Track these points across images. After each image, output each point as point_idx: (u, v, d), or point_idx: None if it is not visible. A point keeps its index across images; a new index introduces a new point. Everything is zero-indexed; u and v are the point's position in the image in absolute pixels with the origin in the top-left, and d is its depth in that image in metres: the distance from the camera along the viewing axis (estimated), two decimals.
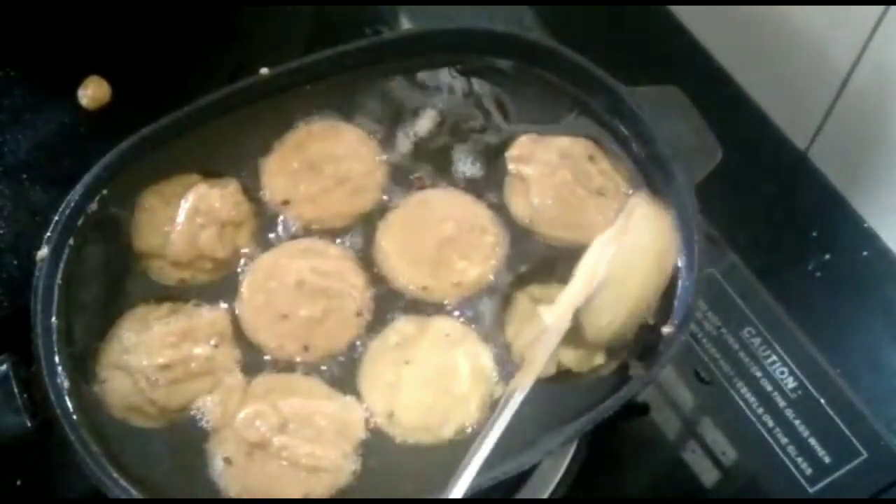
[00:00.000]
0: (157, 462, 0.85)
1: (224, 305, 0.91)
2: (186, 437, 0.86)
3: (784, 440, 1.03)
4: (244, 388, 0.87)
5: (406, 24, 1.29)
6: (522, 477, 0.97)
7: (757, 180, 1.15)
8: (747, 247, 1.12)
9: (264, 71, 0.99)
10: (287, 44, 1.15)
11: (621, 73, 0.98)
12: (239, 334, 0.90)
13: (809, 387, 1.04)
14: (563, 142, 0.98)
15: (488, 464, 0.79)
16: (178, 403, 0.87)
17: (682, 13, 1.20)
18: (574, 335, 0.84)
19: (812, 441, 1.03)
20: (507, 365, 0.89)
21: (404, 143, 0.99)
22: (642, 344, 0.89)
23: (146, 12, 1.03)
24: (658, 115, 0.95)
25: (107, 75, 1.05)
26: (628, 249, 0.82)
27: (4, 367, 0.84)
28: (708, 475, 1.04)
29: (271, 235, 0.95)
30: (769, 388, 1.05)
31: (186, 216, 0.93)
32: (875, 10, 0.98)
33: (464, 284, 0.92)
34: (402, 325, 0.90)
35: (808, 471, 1.02)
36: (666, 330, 0.88)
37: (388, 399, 0.87)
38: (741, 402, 1.05)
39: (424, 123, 0.99)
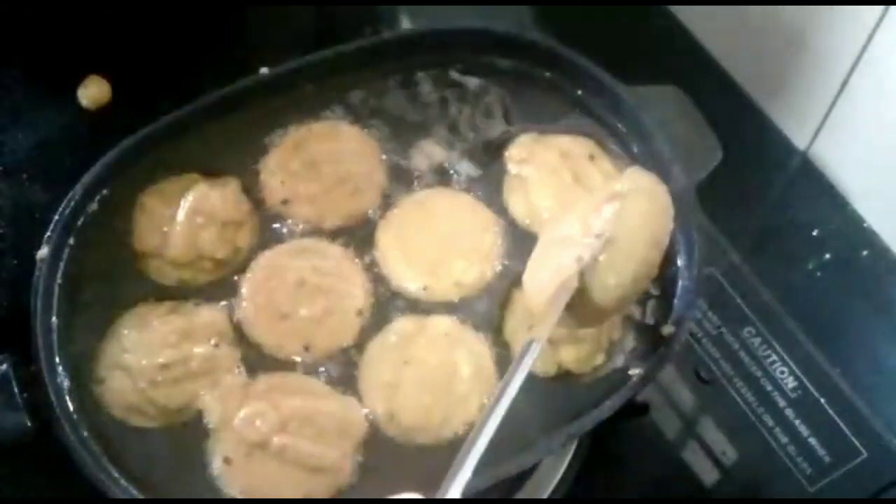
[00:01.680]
0: (156, 462, 0.85)
1: (224, 305, 0.91)
2: (186, 437, 0.86)
3: (784, 440, 1.03)
4: (244, 388, 0.87)
5: (406, 23, 1.29)
6: (522, 477, 0.97)
7: (757, 180, 1.15)
8: (747, 246, 1.12)
9: (264, 71, 0.99)
10: (287, 44, 1.15)
11: (621, 73, 0.98)
12: (239, 334, 0.90)
13: (809, 386, 1.04)
14: (564, 141, 0.98)
15: (488, 463, 0.79)
16: (178, 403, 0.87)
17: (683, 13, 1.20)
18: (582, 299, 0.82)
19: (812, 441, 1.03)
20: (508, 364, 0.88)
21: (419, 160, 0.99)
22: (642, 344, 0.90)
23: (147, 12, 1.03)
24: (659, 114, 0.96)
25: (107, 75, 1.05)
26: (628, 215, 0.81)
27: (5, 366, 0.84)
28: (708, 475, 1.04)
29: (272, 235, 0.95)
30: (769, 387, 1.05)
31: (186, 216, 0.93)
32: (875, 11, 0.98)
33: (463, 284, 0.92)
34: (402, 325, 0.90)
35: (809, 470, 1.02)
36: (666, 329, 0.89)
37: (388, 399, 0.87)
38: (741, 402, 1.05)
39: (438, 151, 0.99)
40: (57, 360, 0.86)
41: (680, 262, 0.91)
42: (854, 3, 1.00)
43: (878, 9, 0.98)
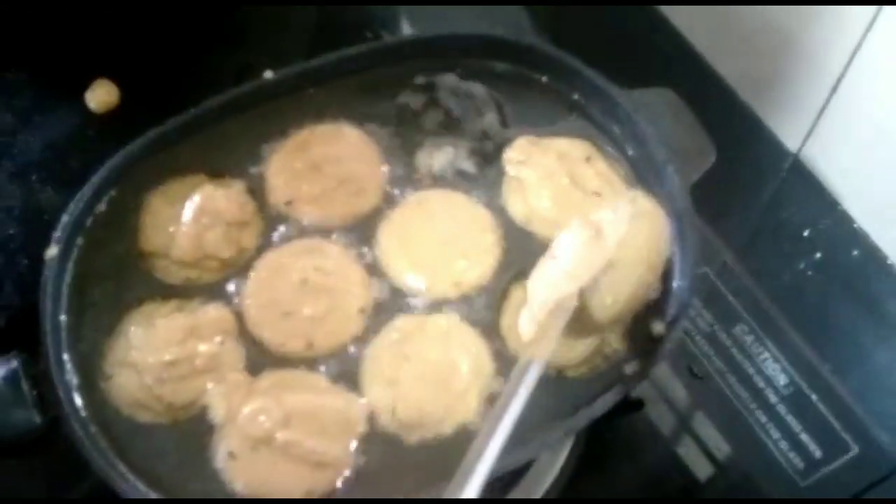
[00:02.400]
0: (163, 456, 0.85)
1: (229, 303, 0.92)
2: (192, 433, 0.86)
3: (776, 435, 1.04)
4: (248, 384, 0.88)
5: (406, 26, 1.29)
6: (518, 474, 0.98)
7: (749, 181, 1.15)
8: (740, 246, 1.13)
9: (268, 74, 1.00)
10: (290, 47, 1.15)
11: (616, 76, 0.99)
12: (243, 332, 0.91)
13: (801, 383, 1.05)
14: (560, 144, 0.99)
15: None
16: (184, 399, 0.87)
17: (675, 16, 1.20)
18: (580, 314, 0.83)
19: (804, 436, 1.03)
20: (505, 361, 0.89)
21: (420, 161, 1.00)
22: (637, 341, 0.90)
23: (154, 16, 1.04)
24: (653, 117, 0.96)
25: (115, 78, 1.04)
26: (631, 239, 0.84)
27: (14, 364, 0.85)
28: (701, 469, 1.05)
29: (275, 235, 0.96)
30: (761, 384, 1.06)
31: (192, 216, 0.94)
32: (867, 11, 0.98)
33: (463, 283, 0.93)
34: (403, 323, 0.91)
35: (800, 465, 1.02)
36: (660, 327, 0.89)
37: (389, 395, 0.88)
38: (734, 398, 1.06)
39: (438, 153, 1.00)
40: (65, 357, 0.87)
41: (674, 262, 0.92)
42: (846, 4, 1.00)
43: (870, 9, 0.98)
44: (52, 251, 0.90)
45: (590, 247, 0.85)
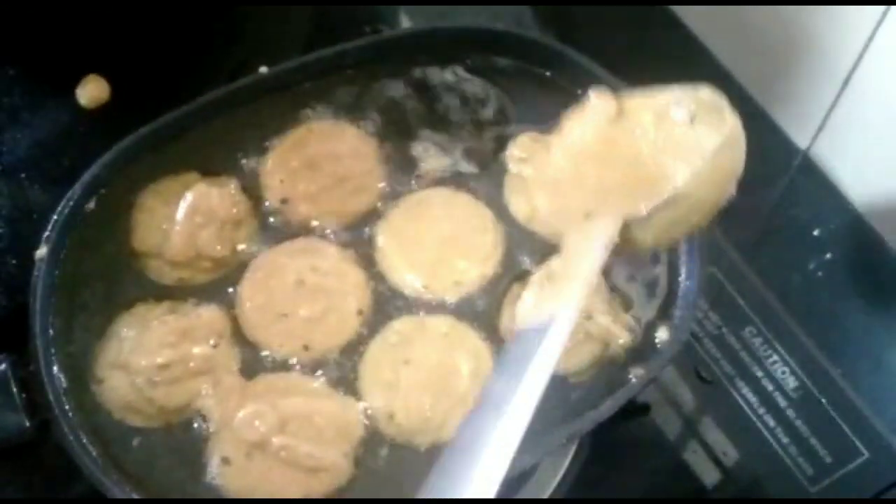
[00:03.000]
0: (155, 462, 0.85)
1: (223, 305, 0.91)
2: (185, 437, 0.86)
3: (785, 440, 1.03)
4: (243, 388, 0.87)
5: (406, 22, 1.29)
6: (523, 477, 0.97)
7: (758, 179, 1.14)
8: (748, 246, 1.12)
9: (264, 69, 0.99)
10: (287, 43, 1.15)
11: (622, 72, 0.98)
12: (238, 334, 0.90)
13: (811, 386, 1.04)
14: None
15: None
16: (177, 403, 0.87)
17: (684, 13, 1.20)
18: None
19: (813, 441, 1.03)
20: None
21: (419, 159, 0.99)
22: (643, 344, 0.89)
23: (146, 11, 1.03)
24: None
25: (106, 74, 1.04)
26: (707, 173, 0.70)
27: (3, 366, 0.84)
28: (709, 475, 1.04)
29: (271, 235, 0.95)
30: (770, 387, 1.05)
31: (185, 215, 0.93)
32: (876, 11, 0.98)
33: (464, 283, 0.92)
34: (402, 325, 0.90)
35: (810, 471, 1.02)
36: (666, 329, 0.89)
37: (388, 399, 0.87)
38: (742, 402, 1.05)
39: (438, 150, 0.99)
40: (55, 360, 0.86)
41: (681, 262, 0.91)
42: (855, 3, 1.00)
43: (879, 9, 0.98)
44: (42, 251, 0.89)
45: (606, 131, 0.70)
